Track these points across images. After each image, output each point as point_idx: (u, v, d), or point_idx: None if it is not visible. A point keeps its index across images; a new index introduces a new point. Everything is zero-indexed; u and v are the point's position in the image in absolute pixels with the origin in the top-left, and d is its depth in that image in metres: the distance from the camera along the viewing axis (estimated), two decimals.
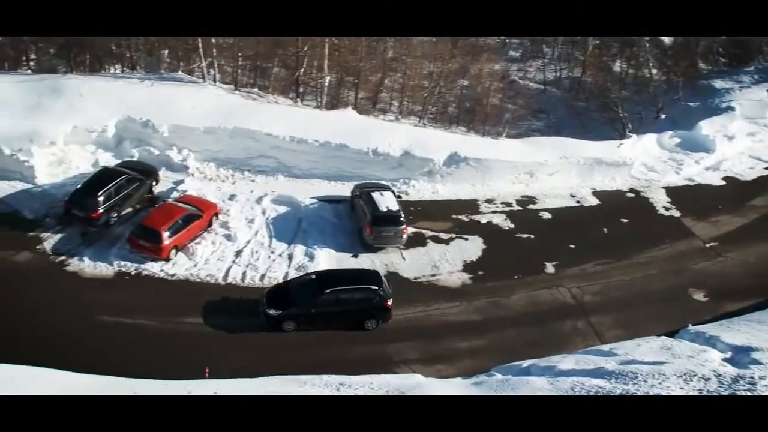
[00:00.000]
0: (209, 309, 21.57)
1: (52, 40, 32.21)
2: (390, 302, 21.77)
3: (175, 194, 25.93)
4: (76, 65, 32.11)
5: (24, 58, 32.19)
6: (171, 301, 21.72)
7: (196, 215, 24.10)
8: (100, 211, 23.74)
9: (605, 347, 19.70)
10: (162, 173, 26.81)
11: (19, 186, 25.35)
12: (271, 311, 21.09)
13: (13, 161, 25.33)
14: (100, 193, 23.80)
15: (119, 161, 26.64)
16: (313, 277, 22.24)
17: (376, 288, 21.75)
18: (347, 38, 33.02)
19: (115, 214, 24.41)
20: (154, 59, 33.71)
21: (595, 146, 30.82)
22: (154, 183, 26.18)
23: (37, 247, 23.30)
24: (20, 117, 26.19)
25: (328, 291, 21.29)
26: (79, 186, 24.51)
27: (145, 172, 25.96)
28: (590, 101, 38.56)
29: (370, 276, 22.57)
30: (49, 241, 23.49)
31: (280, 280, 22.92)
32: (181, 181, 26.78)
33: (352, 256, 24.67)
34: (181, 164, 27.39)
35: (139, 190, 25.30)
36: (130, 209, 25.04)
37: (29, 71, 31.17)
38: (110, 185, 24.20)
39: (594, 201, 29.13)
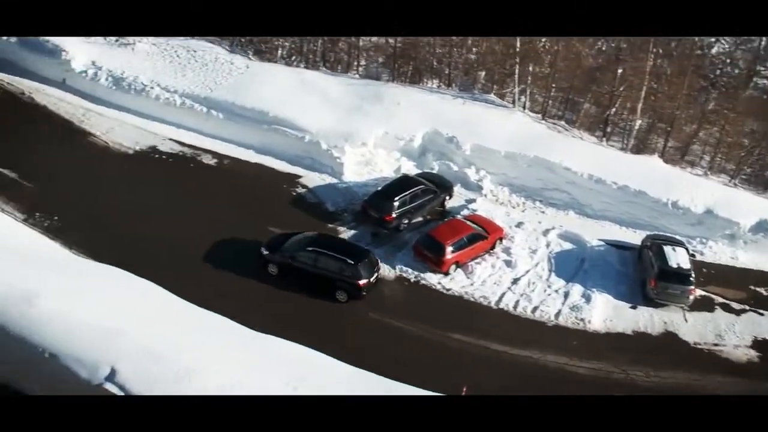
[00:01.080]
0: (477, 329, 22.26)
1: (382, 49, 35.80)
2: (363, 282, 22.71)
3: (465, 212, 27.26)
4: (398, 75, 35.23)
5: (355, 63, 36.05)
6: (442, 314, 22.91)
7: (482, 236, 25.06)
8: (394, 215, 25.77)
9: None
10: (456, 189, 28.39)
11: (327, 179, 28.53)
12: (263, 251, 23.61)
13: (327, 156, 28.60)
14: (396, 198, 25.84)
15: (419, 171, 28.67)
16: (310, 235, 24.25)
17: (353, 263, 22.79)
18: (666, 83, 32.22)
19: (407, 221, 26.30)
20: (470, 79, 35.71)
21: None
22: (447, 197, 27.76)
23: None
24: (341, 116, 29.71)
25: (309, 249, 23.24)
26: (379, 188, 26.87)
27: (441, 185, 27.66)
28: None
29: (357, 252, 23.66)
30: (344, 235, 26.00)
31: (552, 316, 23.05)
32: (473, 200, 28.12)
33: (631, 307, 24.00)
34: (477, 184, 28.71)
35: (433, 201, 27.03)
36: (420, 218, 26.86)
37: (357, 75, 34.91)
38: (407, 192, 26.16)
39: None
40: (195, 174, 28.09)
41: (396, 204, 25.75)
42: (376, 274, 23.69)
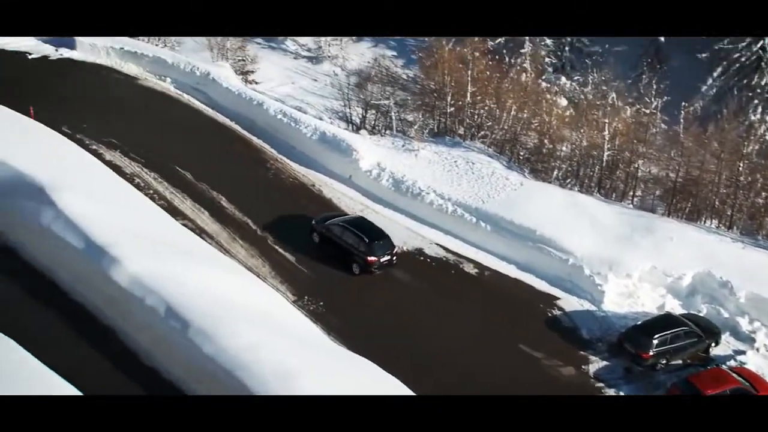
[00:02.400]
0: None
1: (662, 182, 36.63)
2: (372, 259, 28.95)
3: (732, 363, 26.64)
4: (675, 210, 35.71)
5: (631, 193, 37.25)
6: None
7: (749, 392, 24.32)
8: (651, 353, 26.12)
9: None
10: (724, 337, 28.02)
11: (586, 306, 29.67)
12: (313, 221, 30.98)
13: (589, 282, 29.83)
14: (656, 336, 26.24)
15: (685, 312, 28.76)
16: (350, 216, 32.09)
17: (368, 241, 29.05)
18: None
19: (664, 361, 26.47)
20: (755, 224, 35.02)
21: None
22: (712, 344, 27.40)
23: (582, 366, 26.86)
24: (609, 244, 31.02)
25: (340, 224, 30.27)
26: (638, 323, 27.40)
27: (707, 330, 27.54)
28: None
29: (376, 234, 29.79)
30: (594, 364, 26.75)
31: None
32: (743, 353, 27.43)
33: None
34: (748, 335, 28.00)
35: (695, 346, 26.98)
36: (680, 361, 26.76)
37: (631, 205, 36.10)
38: (668, 332, 26.46)
39: None
40: (455, 280, 30.76)
41: (655, 342, 26.13)
42: (389, 257, 29.57)
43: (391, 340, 26.21)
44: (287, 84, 53.58)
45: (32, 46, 44.69)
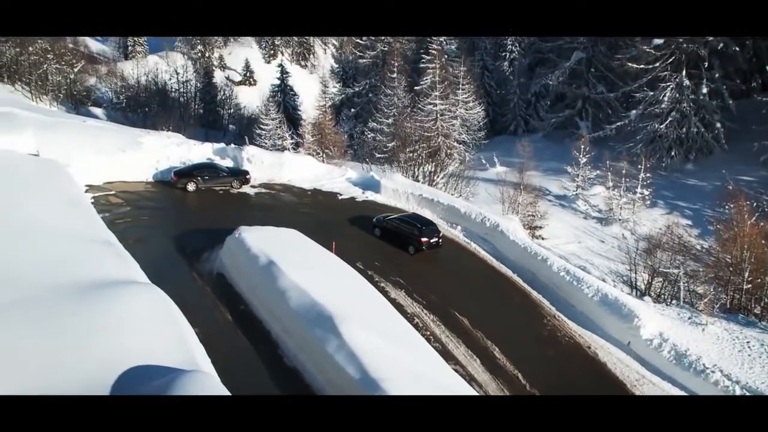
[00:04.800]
0: None
1: None
2: (424, 239, 39.98)
3: None
4: None
5: None
6: None
7: None
8: None
9: None
10: None
11: None
12: (374, 220, 42.53)
13: None
14: None
15: None
16: (410, 213, 44.59)
17: (420, 226, 40.38)
18: None
19: None
20: None
21: None
22: None
23: None
24: None
25: (393, 218, 42.07)
26: None
27: None
28: None
29: (423, 221, 41.57)
30: None
31: None
32: None
33: None
34: None
35: None
36: None
37: None
38: None
39: None
40: None
41: None
42: (436, 238, 40.75)
43: None
44: (574, 242, 54.15)
45: (343, 187, 50.26)
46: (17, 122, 46.09)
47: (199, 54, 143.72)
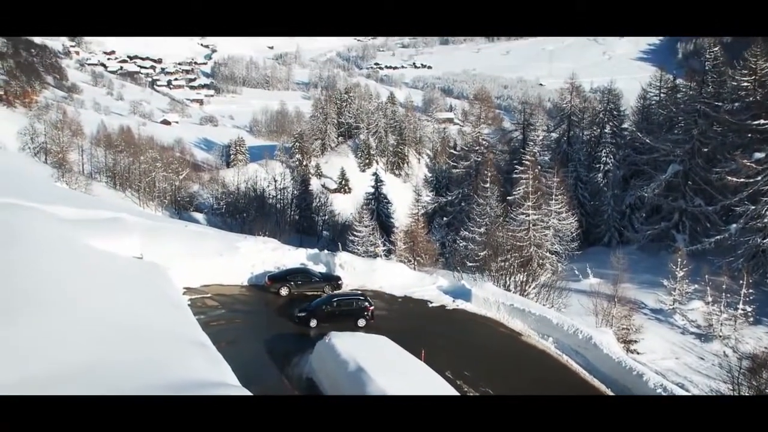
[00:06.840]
0: None
1: None
2: (372, 308, 42.61)
3: None
4: None
5: None
6: None
7: None
8: None
9: None
10: None
11: None
12: (296, 314, 43.19)
13: None
14: None
15: None
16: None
17: (359, 297, 43.36)
18: None
19: None
20: None
21: None
22: None
23: None
24: None
25: (318, 302, 43.75)
26: None
27: None
28: None
29: (344, 292, 45.24)
30: None
31: None
32: None
33: None
34: None
35: None
36: None
37: None
38: None
39: None
40: None
41: None
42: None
43: None
44: (671, 358, 52.37)
45: (434, 295, 50.51)
46: (125, 227, 48.64)
47: (297, 162, 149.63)
